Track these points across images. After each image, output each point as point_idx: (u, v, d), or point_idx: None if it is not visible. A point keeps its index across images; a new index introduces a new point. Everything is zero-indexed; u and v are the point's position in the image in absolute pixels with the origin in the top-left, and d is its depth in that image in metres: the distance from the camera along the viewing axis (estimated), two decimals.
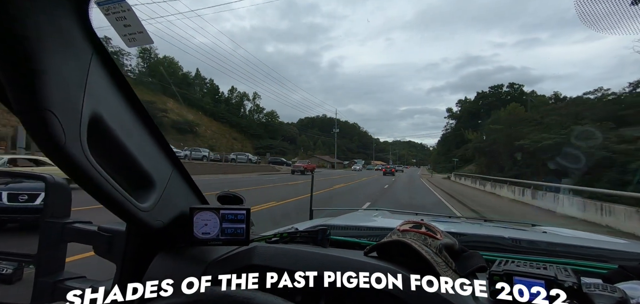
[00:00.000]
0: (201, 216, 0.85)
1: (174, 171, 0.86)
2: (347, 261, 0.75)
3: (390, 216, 1.97)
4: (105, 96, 0.62)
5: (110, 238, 0.96)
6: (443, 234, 0.83)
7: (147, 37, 0.70)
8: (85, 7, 0.54)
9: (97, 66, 0.59)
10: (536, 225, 1.86)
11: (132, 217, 0.72)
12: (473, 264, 0.78)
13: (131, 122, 0.70)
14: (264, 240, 0.99)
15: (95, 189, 0.61)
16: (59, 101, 0.50)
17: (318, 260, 0.76)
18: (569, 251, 1.07)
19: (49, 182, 1.00)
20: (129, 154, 0.70)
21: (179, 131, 51.01)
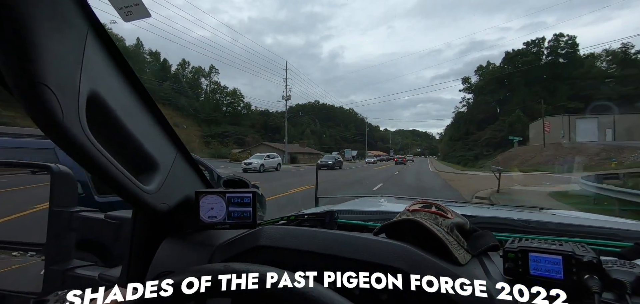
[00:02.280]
0: (207, 199, 0.84)
1: (178, 154, 0.85)
2: (357, 239, 0.73)
3: (396, 202, 1.95)
4: (103, 74, 0.60)
5: (117, 225, 0.96)
6: (453, 213, 0.81)
7: (144, 9, 0.68)
8: None
9: (93, 43, 0.57)
10: (544, 209, 1.82)
11: (136, 199, 0.71)
12: (485, 243, 0.77)
13: (131, 103, 0.69)
14: (271, 223, 0.98)
15: (97, 168, 0.60)
16: (55, 76, 0.49)
17: (326, 239, 0.75)
18: (581, 230, 1.04)
19: (54, 171, 1.00)
20: (131, 135, 0.68)
21: None
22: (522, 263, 0.62)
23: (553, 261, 0.59)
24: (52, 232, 0.99)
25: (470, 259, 0.71)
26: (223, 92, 76.62)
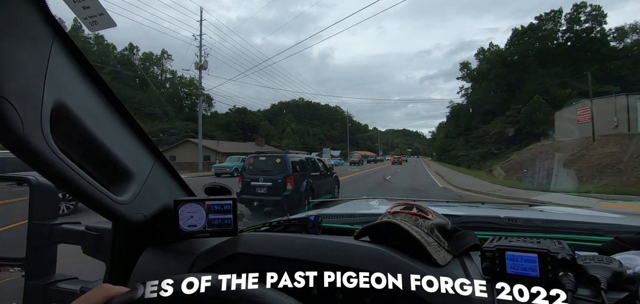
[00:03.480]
0: (186, 208, 0.82)
1: (156, 163, 0.84)
2: (333, 244, 0.73)
3: (387, 204, 1.94)
4: (69, 83, 0.59)
5: (98, 236, 0.95)
6: (435, 214, 0.81)
7: (109, 19, 0.67)
8: None
9: (58, 53, 0.56)
10: (534, 205, 1.87)
11: (108, 211, 0.69)
12: (466, 243, 0.77)
13: (101, 112, 0.67)
14: (253, 230, 0.97)
15: (63, 181, 0.58)
16: (15, 88, 0.48)
17: (303, 245, 0.74)
18: (565, 226, 1.06)
19: (33, 184, 0.98)
20: (101, 145, 0.66)
21: None
22: (500, 262, 0.62)
23: (529, 259, 0.59)
24: (32, 246, 0.97)
25: (451, 259, 0.71)
26: (180, 83, 67.89)
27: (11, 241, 1.05)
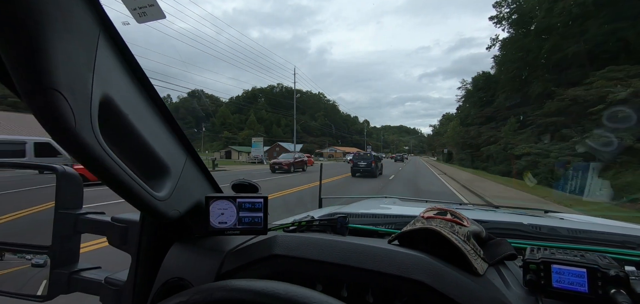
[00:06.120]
0: (217, 204, 0.82)
1: (188, 158, 0.83)
2: (374, 250, 0.72)
3: (402, 204, 1.95)
4: (115, 77, 0.58)
5: (124, 228, 0.95)
6: (469, 221, 0.80)
7: (159, 10, 0.66)
8: None
9: (105, 45, 0.55)
10: (550, 212, 1.81)
11: (148, 207, 0.69)
12: (501, 252, 0.76)
13: (143, 106, 0.67)
14: (281, 229, 0.97)
15: (110, 177, 0.58)
16: (66, 81, 0.47)
17: (344, 250, 0.74)
18: (592, 237, 1.03)
19: (60, 172, 0.98)
20: (143, 140, 0.66)
21: None
22: (544, 275, 0.60)
23: (577, 274, 0.58)
24: (58, 234, 0.97)
25: (487, 268, 0.70)
26: None
27: (36, 229, 1.04)
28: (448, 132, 54.13)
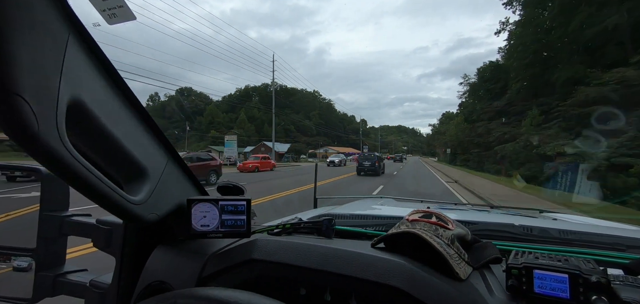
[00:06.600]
0: (199, 207, 0.81)
1: (170, 160, 0.82)
2: (353, 255, 0.71)
3: (395, 204, 1.95)
4: (86, 79, 0.57)
5: (109, 230, 0.94)
6: (454, 224, 0.79)
7: (129, 12, 0.65)
8: None
9: (75, 47, 0.54)
10: (544, 212, 1.82)
11: (123, 211, 0.68)
12: (487, 255, 0.75)
13: (118, 108, 0.65)
14: (266, 231, 0.96)
15: (79, 181, 0.57)
16: (30, 85, 0.46)
17: (322, 254, 0.73)
18: (583, 239, 1.03)
19: (44, 174, 0.97)
20: (117, 143, 0.65)
21: None
22: (526, 280, 0.59)
23: (559, 279, 0.57)
24: (43, 237, 0.97)
25: (471, 272, 0.69)
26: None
27: (21, 232, 1.04)
28: (450, 130, 49.77)
